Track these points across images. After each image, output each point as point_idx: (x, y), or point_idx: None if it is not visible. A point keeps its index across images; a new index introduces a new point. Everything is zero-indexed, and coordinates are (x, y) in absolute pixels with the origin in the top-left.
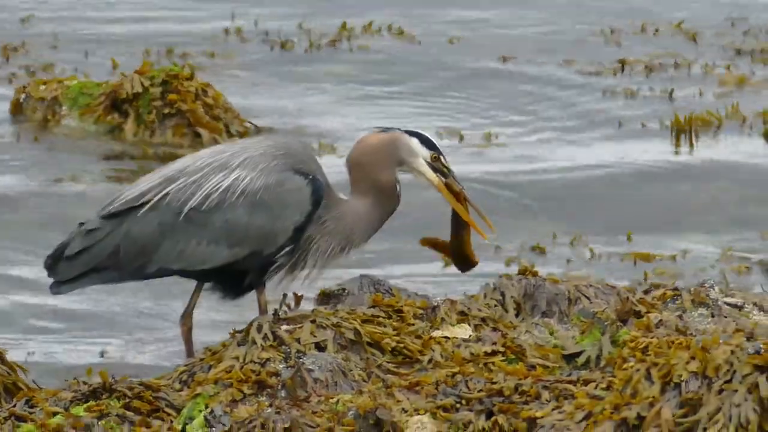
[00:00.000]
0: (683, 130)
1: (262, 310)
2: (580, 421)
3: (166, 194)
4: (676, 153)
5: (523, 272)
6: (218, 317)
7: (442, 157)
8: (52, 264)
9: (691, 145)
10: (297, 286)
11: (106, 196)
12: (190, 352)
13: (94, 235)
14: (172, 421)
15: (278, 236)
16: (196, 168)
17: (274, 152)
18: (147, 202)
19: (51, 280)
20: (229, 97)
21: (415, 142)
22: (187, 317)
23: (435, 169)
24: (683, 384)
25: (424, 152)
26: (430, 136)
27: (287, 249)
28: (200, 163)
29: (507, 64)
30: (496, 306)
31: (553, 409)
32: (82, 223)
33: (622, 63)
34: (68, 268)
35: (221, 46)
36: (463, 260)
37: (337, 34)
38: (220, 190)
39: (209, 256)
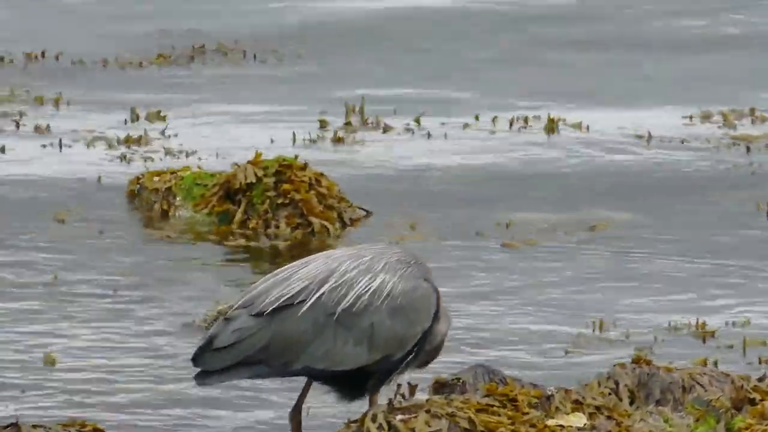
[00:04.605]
0: None
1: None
2: None
3: (321, 294)
4: None
5: (636, 361)
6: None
7: None
8: (200, 354)
9: None
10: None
11: (221, 288)
12: None
13: (245, 330)
14: None
15: (409, 341)
16: (344, 269)
17: (406, 259)
18: (302, 301)
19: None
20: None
21: None
22: (296, 412)
23: None
24: None
25: None
26: None
27: (410, 356)
28: (347, 265)
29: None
30: (610, 394)
31: None
32: (227, 318)
33: None
34: (216, 360)
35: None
36: None
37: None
38: (369, 292)
39: (350, 358)
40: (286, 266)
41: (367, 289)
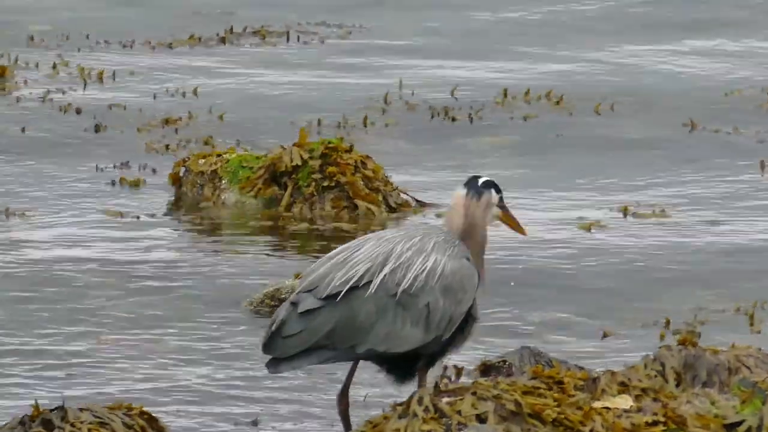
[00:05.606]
0: None
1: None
2: None
3: (384, 276)
4: None
5: (682, 343)
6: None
7: (501, 195)
8: (270, 342)
9: None
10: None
11: (270, 270)
12: (347, 428)
13: (314, 314)
14: None
15: (455, 321)
16: (400, 251)
17: (450, 239)
18: (367, 283)
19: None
20: (386, 167)
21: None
22: (344, 396)
23: (501, 207)
24: None
25: (495, 198)
26: (491, 179)
27: (455, 338)
28: (401, 246)
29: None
30: (656, 376)
31: None
32: (292, 302)
33: None
34: (287, 347)
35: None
36: None
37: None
38: (425, 272)
39: (408, 339)
40: (339, 248)
41: (422, 269)
